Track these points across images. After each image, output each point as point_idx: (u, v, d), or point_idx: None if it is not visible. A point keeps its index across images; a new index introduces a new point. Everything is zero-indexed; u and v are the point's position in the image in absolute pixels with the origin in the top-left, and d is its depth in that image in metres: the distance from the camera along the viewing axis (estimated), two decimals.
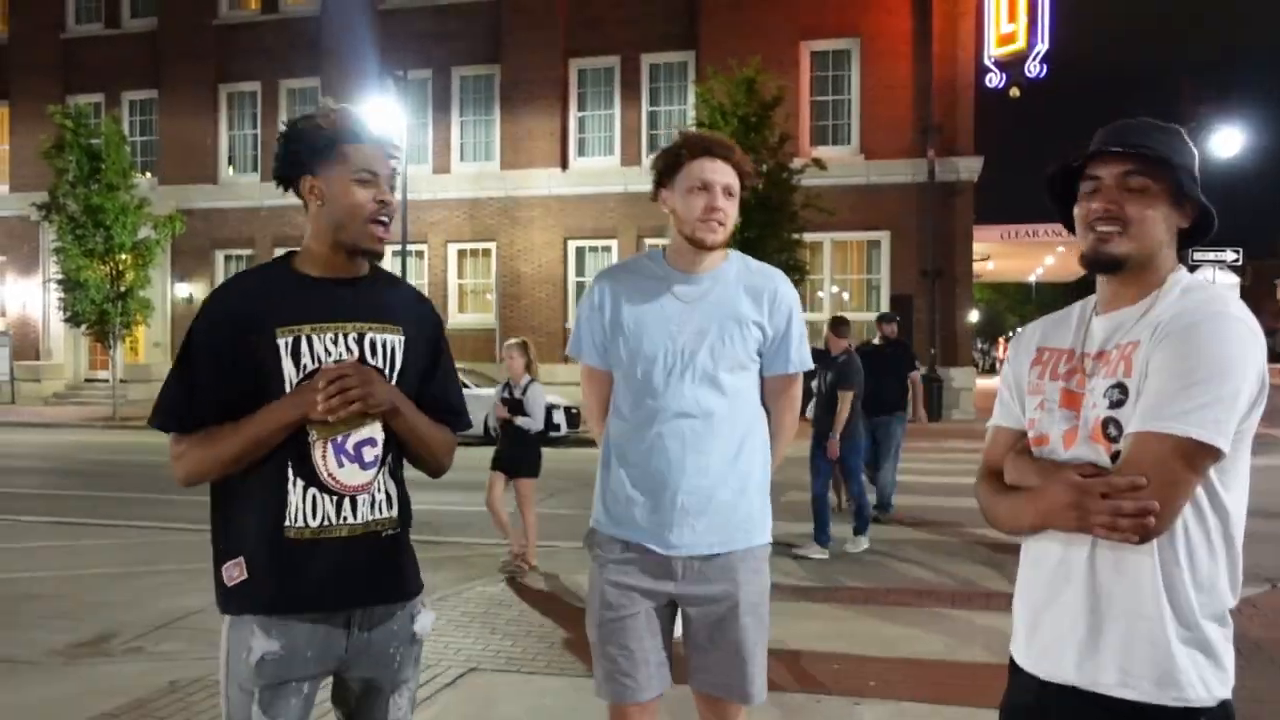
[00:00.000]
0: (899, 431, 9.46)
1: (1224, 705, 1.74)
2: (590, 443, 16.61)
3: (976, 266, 26.45)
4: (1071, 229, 1.92)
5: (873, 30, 21.72)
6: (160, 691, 4.42)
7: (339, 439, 2.08)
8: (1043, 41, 20.99)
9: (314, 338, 2.09)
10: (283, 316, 2.09)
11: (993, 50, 21.67)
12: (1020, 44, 21.20)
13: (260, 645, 2.05)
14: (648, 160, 22.57)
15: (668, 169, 2.65)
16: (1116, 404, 1.76)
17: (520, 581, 6.60)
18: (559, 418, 16.65)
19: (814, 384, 8.14)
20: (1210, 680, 1.73)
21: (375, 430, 2.13)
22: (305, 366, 2.08)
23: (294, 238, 24.63)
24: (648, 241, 22.37)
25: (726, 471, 2.59)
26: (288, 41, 25.02)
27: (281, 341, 2.07)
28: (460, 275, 24.36)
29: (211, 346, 2.07)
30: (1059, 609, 1.82)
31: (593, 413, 2.83)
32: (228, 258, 25.73)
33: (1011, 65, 21.47)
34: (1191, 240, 1.91)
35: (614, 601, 2.63)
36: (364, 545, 2.11)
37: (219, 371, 2.06)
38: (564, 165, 23.29)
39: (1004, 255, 33.72)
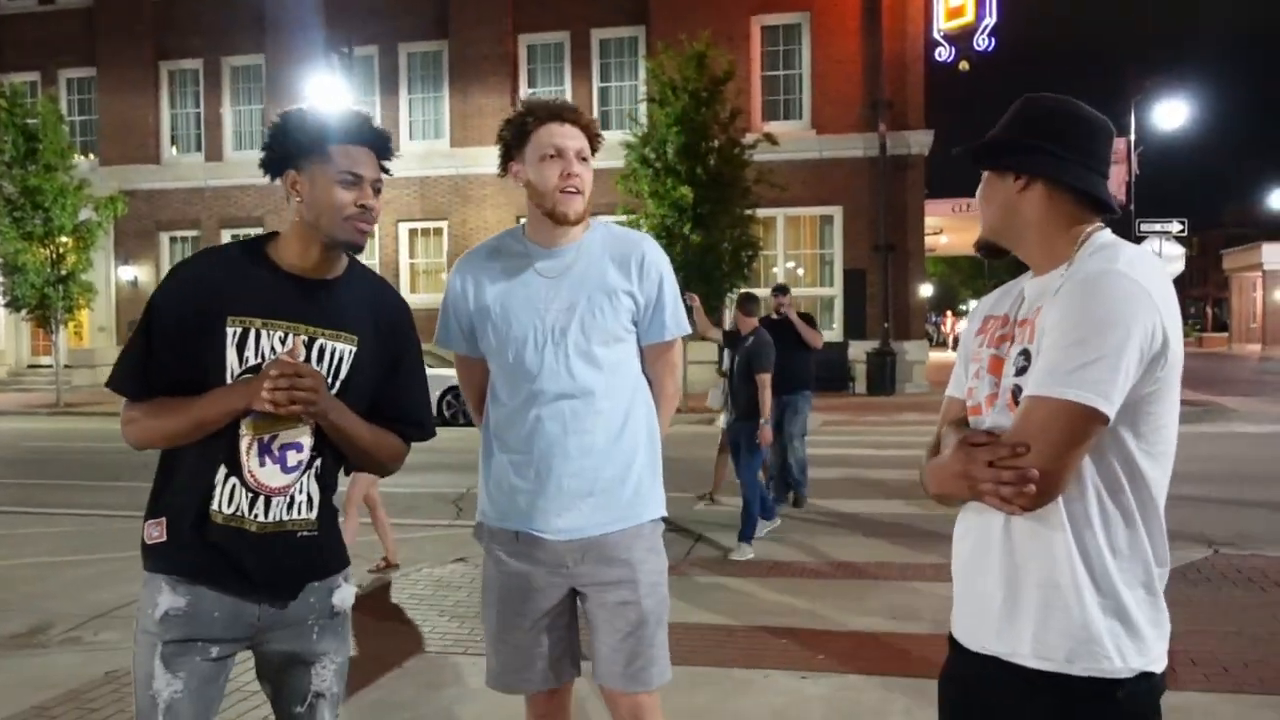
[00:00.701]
0: (805, 409, 8.68)
1: (1144, 676, 1.69)
2: None
3: (929, 240, 26.59)
4: None
5: (823, 5, 21.68)
6: (95, 683, 4.32)
7: (265, 438, 2.08)
8: (991, 15, 21.07)
9: (263, 333, 2.09)
10: (238, 305, 2.08)
11: (941, 24, 21.73)
12: (969, 18, 21.27)
13: (166, 601, 2.08)
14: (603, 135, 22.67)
15: (516, 139, 2.55)
16: (1022, 370, 1.73)
17: (471, 563, 6.53)
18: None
19: (721, 367, 7.82)
20: (1128, 651, 1.68)
21: (304, 435, 2.11)
22: (247, 360, 2.08)
23: (241, 219, 24.26)
24: (600, 218, 22.22)
25: (611, 448, 2.51)
26: (230, 17, 24.48)
27: (230, 330, 2.07)
28: (412, 255, 24.10)
29: (167, 319, 2.08)
30: (981, 579, 1.80)
31: (471, 402, 2.76)
32: (173, 239, 25.25)
33: (960, 39, 21.53)
34: (1100, 205, 1.82)
35: (508, 594, 2.56)
36: (276, 544, 2.11)
37: (172, 345, 2.07)
38: None
39: (956, 228, 33.96)
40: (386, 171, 2.21)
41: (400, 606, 5.51)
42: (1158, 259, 1.78)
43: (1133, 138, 27.76)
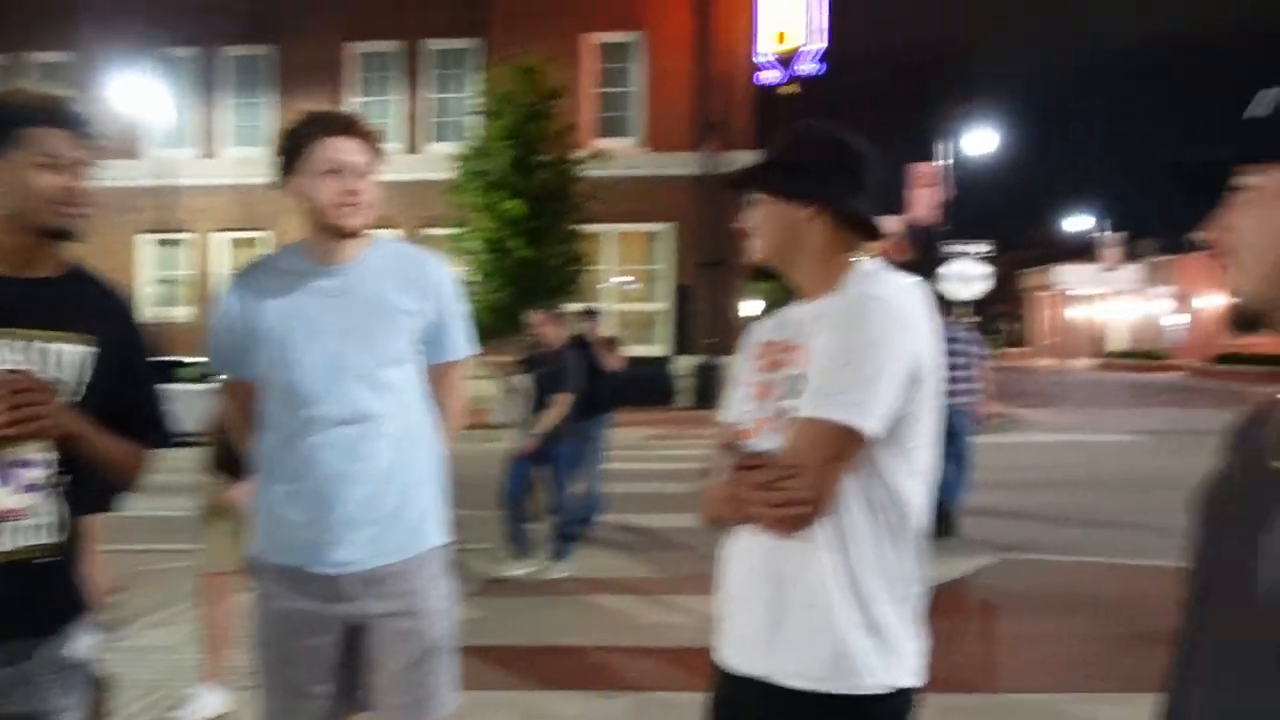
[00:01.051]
0: (601, 437, 8.41)
1: (901, 692, 1.77)
2: None
3: None
4: None
5: (655, 24, 22.09)
6: None
7: None
8: (818, 40, 21.90)
9: None
10: None
11: (771, 47, 22.44)
12: (797, 42, 22.04)
13: None
14: (431, 147, 22.23)
15: (294, 151, 2.43)
16: (794, 394, 1.80)
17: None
18: None
19: (513, 382, 7.60)
20: (885, 668, 1.75)
21: (36, 453, 1.94)
22: None
23: None
24: (428, 232, 22.05)
25: (393, 476, 2.43)
26: (36, 10, 23.07)
27: None
28: (234, 264, 23.22)
29: None
30: (748, 600, 1.83)
31: (240, 430, 2.62)
32: None
33: (789, 62, 22.29)
34: (873, 234, 1.92)
35: (282, 635, 2.46)
36: (9, 574, 1.93)
37: None
38: None
39: None
40: (88, 158, 2.03)
41: (186, 640, 5.35)
42: (918, 287, 1.88)
43: (948, 162, 29.32)
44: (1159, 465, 11.36)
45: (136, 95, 20.03)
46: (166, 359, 7.10)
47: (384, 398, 2.43)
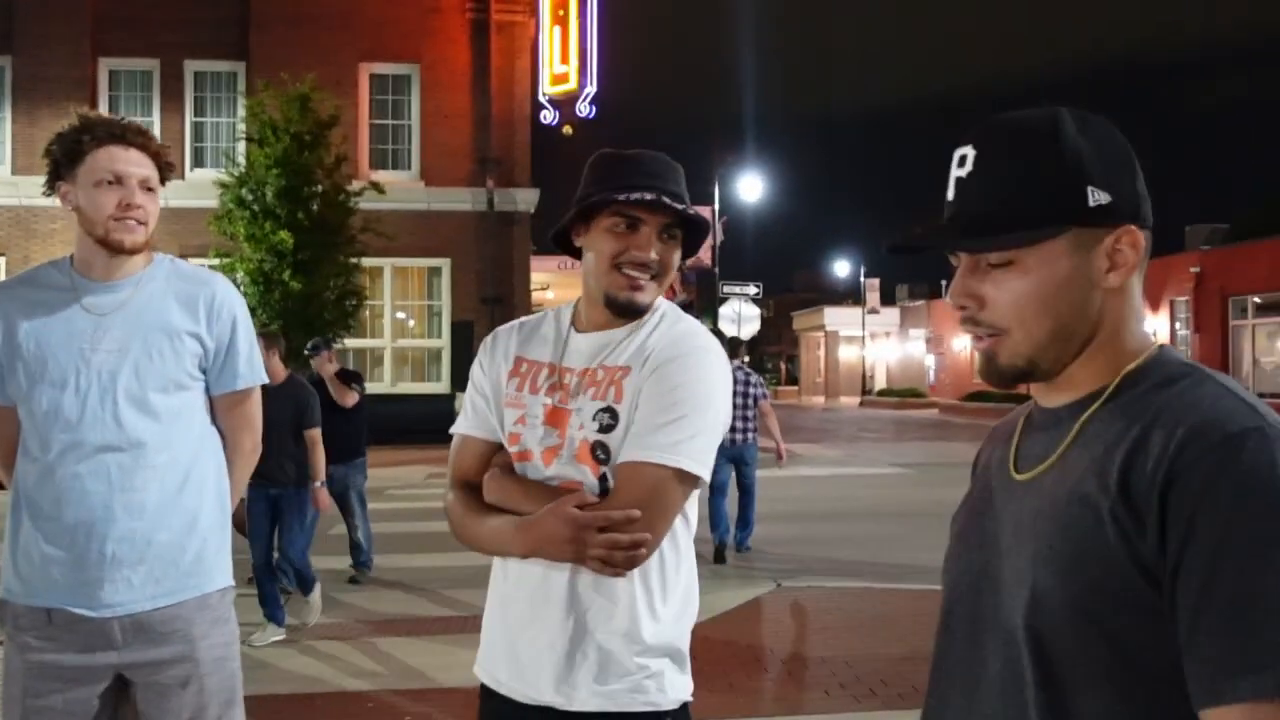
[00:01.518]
0: (361, 482, 7.71)
1: (685, 705, 1.84)
2: None
3: (537, 295, 27.37)
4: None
5: (432, 58, 21.85)
6: None
7: None
8: (592, 84, 22.26)
9: None
10: None
11: (547, 89, 22.62)
12: (572, 85, 22.32)
13: None
14: (192, 173, 21.09)
15: (68, 158, 2.26)
16: (607, 428, 1.77)
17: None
18: None
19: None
20: (678, 685, 1.81)
21: None
22: None
23: None
24: (191, 261, 20.78)
25: (167, 509, 2.24)
26: None
27: None
28: None
29: None
30: (538, 629, 1.78)
31: None
32: None
33: (564, 104, 22.53)
34: (692, 248, 1.94)
35: (38, 689, 2.21)
36: None
37: None
38: None
39: (563, 285, 35.21)
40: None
41: None
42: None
43: (716, 206, 30.34)
44: (920, 495, 12.02)
45: None
46: None
47: (158, 424, 2.24)
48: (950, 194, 1.16)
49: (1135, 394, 1.09)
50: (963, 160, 1.15)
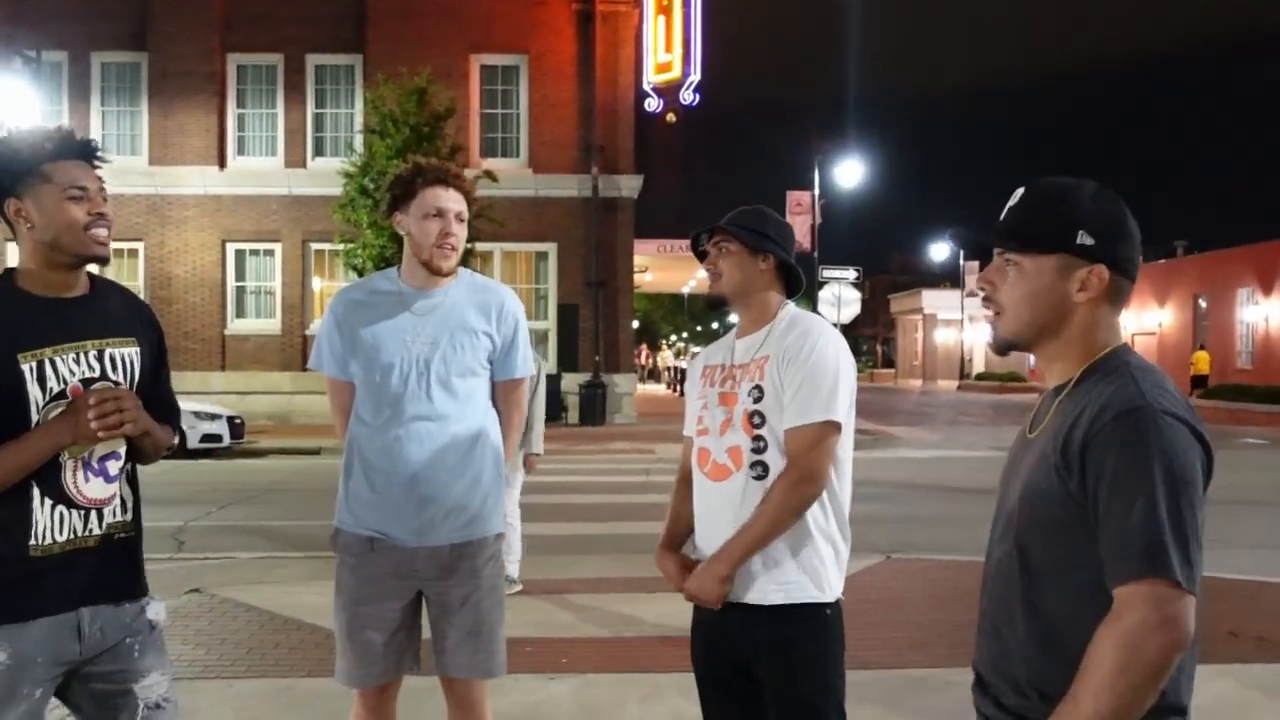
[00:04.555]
0: None
1: (838, 602, 2.46)
2: (255, 453, 16.02)
3: (636, 278, 27.97)
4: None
5: (539, 49, 22.47)
6: None
7: (86, 456, 2.16)
8: (695, 72, 22.64)
9: (57, 360, 2.15)
10: (22, 341, 2.12)
11: (651, 77, 23.08)
12: (676, 73, 22.74)
13: None
14: (314, 162, 22.06)
15: (403, 195, 2.88)
16: (757, 399, 2.43)
17: (206, 594, 6.46)
18: (219, 428, 15.92)
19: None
20: (834, 585, 2.45)
21: (119, 445, 2.23)
22: (52, 389, 2.14)
23: None
24: (314, 246, 21.87)
25: (462, 468, 2.83)
26: None
27: (25, 367, 2.12)
28: (101, 275, 22.45)
29: None
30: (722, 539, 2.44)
31: (337, 421, 3.01)
32: None
33: (668, 92, 22.97)
34: (793, 281, 2.60)
35: (360, 595, 2.83)
36: (102, 551, 2.22)
37: None
38: (222, 164, 22.17)
39: (660, 267, 35.75)
40: (103, 182, 2.24)
41: None
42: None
43: (816, 191, 30.45)
44: None
45: (3, 100, 19.32)
46: None
47: (456, 401, 2.84)
48: (1003, 214, 1.71)
49: (1086, 384, 1.62)
50: (1016, 195, 1.71)
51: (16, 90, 18.74)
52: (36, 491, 2.12)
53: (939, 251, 58.00)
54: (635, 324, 40.30)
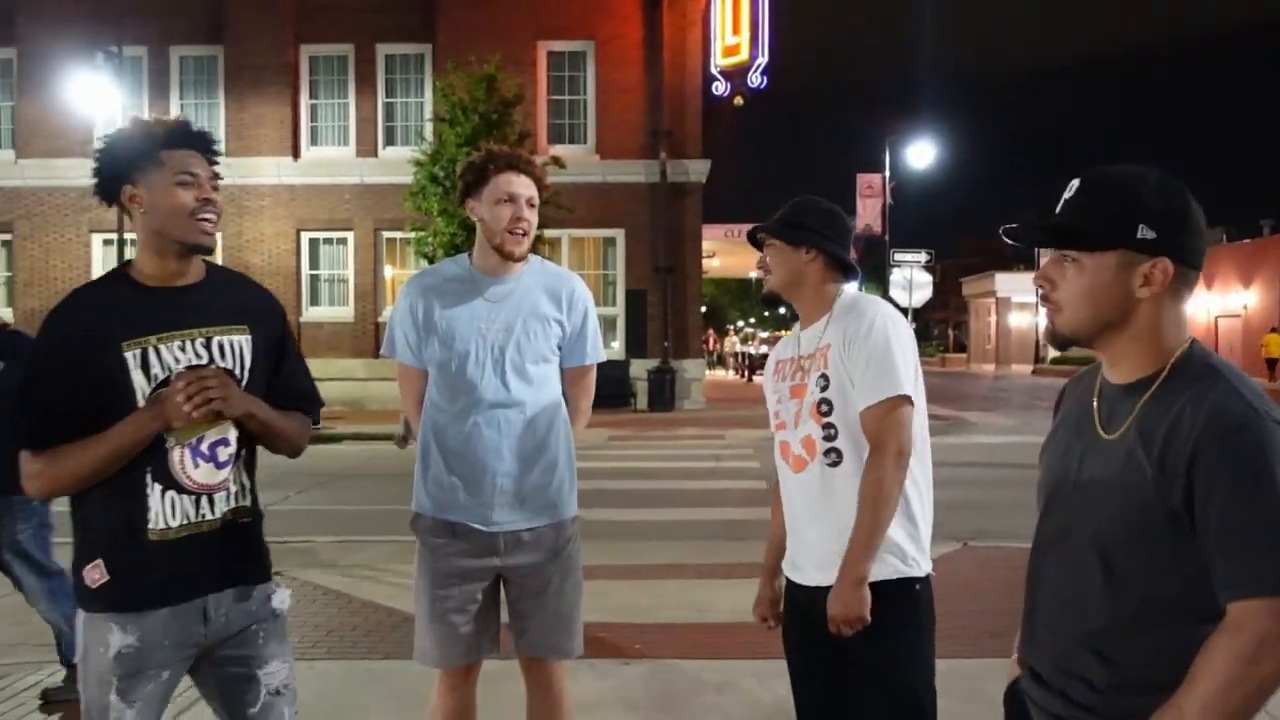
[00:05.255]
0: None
1: (927, 577, 2.53)
2: (330, 439, 16.31)
3: (704, 263, 27.87)
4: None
5: (606, 34, 22.44)
6: None
7: (194, 442, 2.19)
8: (763, 55, 22.44)
9: (161, 348, 2.17)
10: (127, 330, 2.16)
11: (718, 61, 22.92)
12: (743, 56, 22.55)
13: (117, 641, 2.15)
14: (385, 151, 22.32)
15: (475, 181, 2.90)
16: (824, 388, 2.47)
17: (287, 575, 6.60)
18: None
19: None
20: (919, 560, 2.50)
21: (228, 430, 2.24)
22: (156, 377, 2.17)
23: None
24: (385, 234, 22.14)
25: (538, 454, 2.85)
26: None
27: (130, 355, 2.15)
28: (219, 264, 22.98)
29: (55, 365, 2.13)
30: (811, 528, 2.52)
31: (409, 407, 3.04)
32: None
33: (735, 76, 22.79)
34: (847, 271, 2.62)
35: (441, 580, 2.85)
36: (221, 537, 2.25)
37: (65, 389, 2.11)
38: (295, 154, 22.57)
39: (727, 252, 35.54)
40: (217, 175, 2.28)
41: None
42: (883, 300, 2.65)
43: (886, 173, 30.05)
44: None
45: (86, 94, 19.86)
46: None
47: (531, 388, 2.85)
48: (1058, 208, 1.64)
49: (1172, 387, 1.55)
50: (1072, 188, 1.63)
51: (99, 85, 19.26)
52: (149, 477, 2.16)
53: None
54: (703, 309, 40.25)
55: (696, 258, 22.99)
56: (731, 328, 71.55)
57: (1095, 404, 1.68)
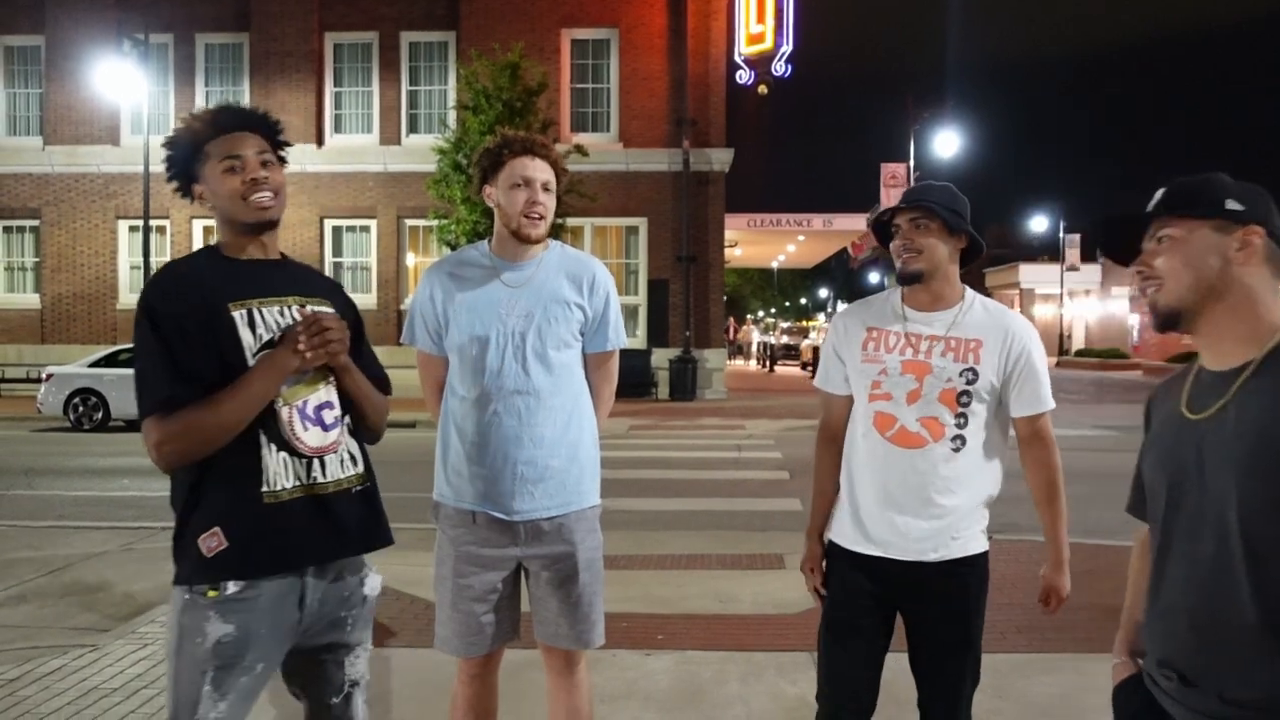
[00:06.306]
0: None
1: (986, 554, 2.71)
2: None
3: (726, 253, 27.80)
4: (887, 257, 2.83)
5: (630, 22, 22.37)
6: None
7: (301, 404, 2.22)
8: (788, 43, 22.32)
9: (263, 310, 2.23)
10: (230, 293, 2.22)
11: (743, 49, 22.83)
12: (768, 44, 22.45)
13: (215, 630, 2.13)
14: (408, 139, 22.33)
15: (491, 167, 2.85)
16: (970, 382, 2.57)
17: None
18: None
19: None
20: (983, 540, 2.70)
21: (331, 394, 2.28)
22: (261, 336, 2.21)
23: (15, 209, 22.73)
24: (408, 222, 22.18)
25: (558, 441, 2.80)
26: None
27: (237, 314, 2.20)
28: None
29: (171, 328, 2.14)
30: (903, 511, 2.63)
31: (428, 395, 3.00)
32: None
33: (760, 64, 22.69)
34: (969, 259, 2.68)
35: (463, 568, 2.83)
36: (336, 502, 2.26)
37: (185, 350, 2.13)
38: (319, 142, 22.63)
39: (750, 242, 35.51)
40: (279, 147, 2.33)
41: None
42: None
43: (911, 162, 29.84)
44: (1123, 460, 11.79)
45: (113, 81, 19.98)
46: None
47: (552, 375, 2.80)
48: (1150, 204, 1.80)
49: (1271, 366, 1.63)
50: (1157, 195, 1.80)
51: (125, 73, 19.36)
52: (263, 438, 2.17)
53: (1038, 224, 56.36)
54: (724, 299, 40.15)
55: (719, 247, 22.91)
56: (750, 317, 71.35)
57: (1185, 395, 1.77)
